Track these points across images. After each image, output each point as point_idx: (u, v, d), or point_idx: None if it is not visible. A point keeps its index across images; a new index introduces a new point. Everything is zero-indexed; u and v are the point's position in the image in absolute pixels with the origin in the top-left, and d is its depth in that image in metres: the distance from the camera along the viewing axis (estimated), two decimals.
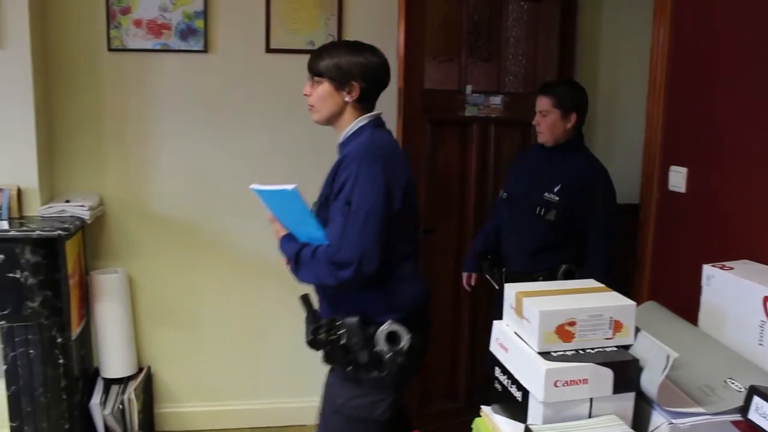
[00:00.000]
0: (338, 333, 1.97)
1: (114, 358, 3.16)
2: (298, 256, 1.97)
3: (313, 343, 2.01)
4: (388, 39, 3.22)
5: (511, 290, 1.46)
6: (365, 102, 2.08)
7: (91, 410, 3.04)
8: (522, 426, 1.33)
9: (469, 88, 3.27)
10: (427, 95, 3.08)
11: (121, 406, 3.06)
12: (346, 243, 1.87)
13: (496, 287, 2.87)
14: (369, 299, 1.98)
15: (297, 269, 1.98)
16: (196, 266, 3.31)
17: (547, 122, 2.73)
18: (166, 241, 3.27)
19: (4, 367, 2.80)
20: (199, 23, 3.13)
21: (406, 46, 2.94)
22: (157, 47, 3.13)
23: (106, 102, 3.16)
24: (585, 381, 1.29)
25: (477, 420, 1.51)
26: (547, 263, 2.71)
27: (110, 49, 3.11)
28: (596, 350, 1.34)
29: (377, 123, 2.10)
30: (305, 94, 2.11)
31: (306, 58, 3.18)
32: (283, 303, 3.29)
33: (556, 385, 1.27)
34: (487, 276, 2.95)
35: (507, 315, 1.47)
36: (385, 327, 1.94)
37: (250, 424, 3.42)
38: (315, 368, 2.44)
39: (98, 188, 3.18)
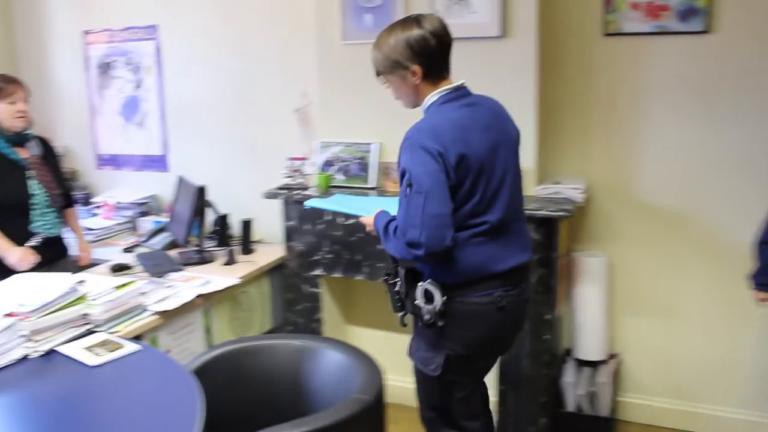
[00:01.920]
0: (395, 279, 2.20)
1: (588, 341, 3.19)
2: (387, 228, 2.12)
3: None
4: None
5: None
6: (434, 75, 2.10)
7: (563, 388, 3.13)
8: None
9: None
10: None
11: (593, 389, 3.09)
12: (411, 223, 1.97)
13: None
14: None
15: (385, 241, 2.14)
16: (679, 257, 3.15)
17: None
18: (649, 229, 3.18)
19: None
20: (701, 2, 2.95)
21: None
22: (654, 30, 3.05)
23: (596, 87, 3.18)
24: None
25: None
26: None
27: (605, 34, 3.12)
28: None
29: (448, 97, 2.10)
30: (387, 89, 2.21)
31: None
32: None
33: None
34: None
35: None
36: (422, 284, 2.09)
37: None
38: None
39: (582, 172, 3.23)
